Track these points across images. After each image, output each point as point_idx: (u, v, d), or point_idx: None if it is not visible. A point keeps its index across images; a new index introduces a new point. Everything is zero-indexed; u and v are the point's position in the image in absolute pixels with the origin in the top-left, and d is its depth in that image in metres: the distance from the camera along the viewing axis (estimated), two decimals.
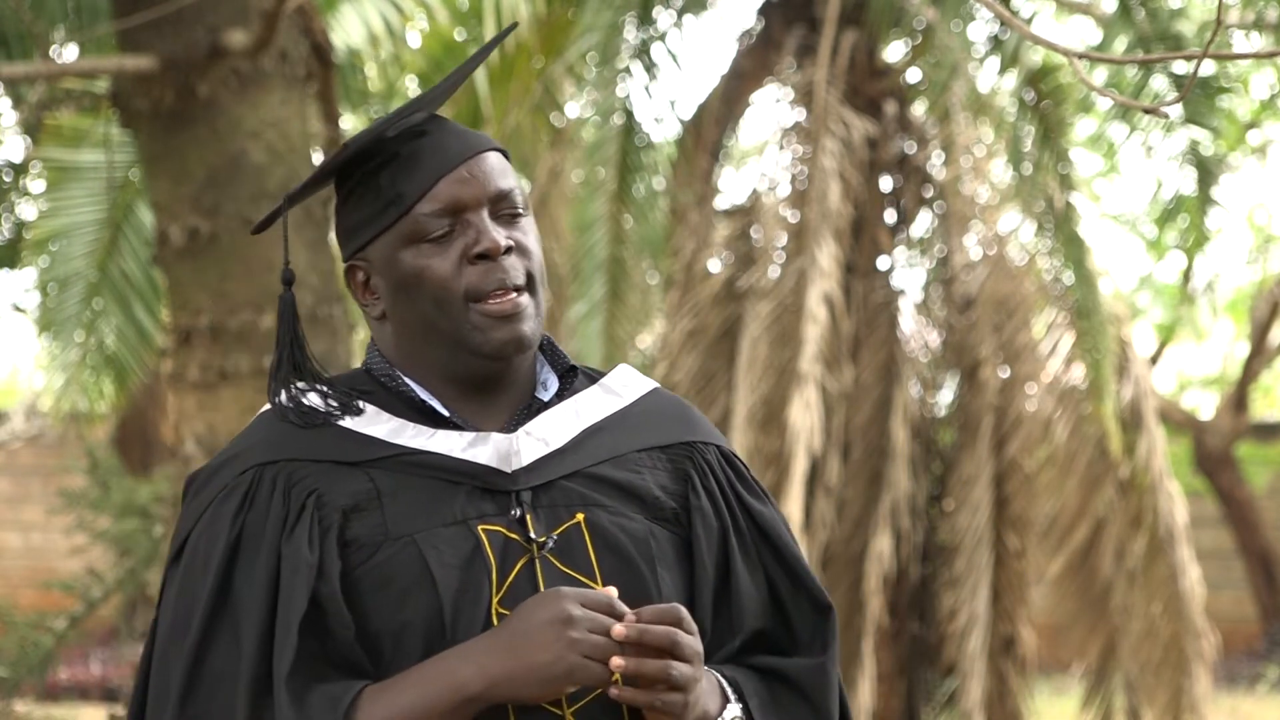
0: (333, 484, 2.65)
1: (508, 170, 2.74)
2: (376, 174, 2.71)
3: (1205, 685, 11.00)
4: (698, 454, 2.78)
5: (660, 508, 2.73)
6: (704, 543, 2.74)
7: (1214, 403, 21.48)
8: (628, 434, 2.76)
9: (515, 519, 2.66)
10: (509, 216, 2.71)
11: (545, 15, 11.42)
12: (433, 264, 2.68)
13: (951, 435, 11.48)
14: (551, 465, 2.70)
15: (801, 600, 2.77)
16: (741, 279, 11.09)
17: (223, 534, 2.63)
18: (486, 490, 2.67)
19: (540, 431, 2.71)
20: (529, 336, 2.69)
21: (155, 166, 7.58)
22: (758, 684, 2.73)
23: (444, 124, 2.75)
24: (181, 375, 7.57)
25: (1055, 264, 11.03)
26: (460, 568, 2.62)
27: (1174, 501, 11.05)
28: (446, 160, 2.70)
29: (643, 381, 2.84)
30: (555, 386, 2.78)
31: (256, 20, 7.30)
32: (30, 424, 19.58)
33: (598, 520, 2.68)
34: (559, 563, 2.65)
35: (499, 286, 2.67)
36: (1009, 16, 3.28)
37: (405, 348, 2.73)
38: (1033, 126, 10.53)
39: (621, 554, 2.68)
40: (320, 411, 2.70)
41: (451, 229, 2.69)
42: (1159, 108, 3.11)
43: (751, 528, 2.78)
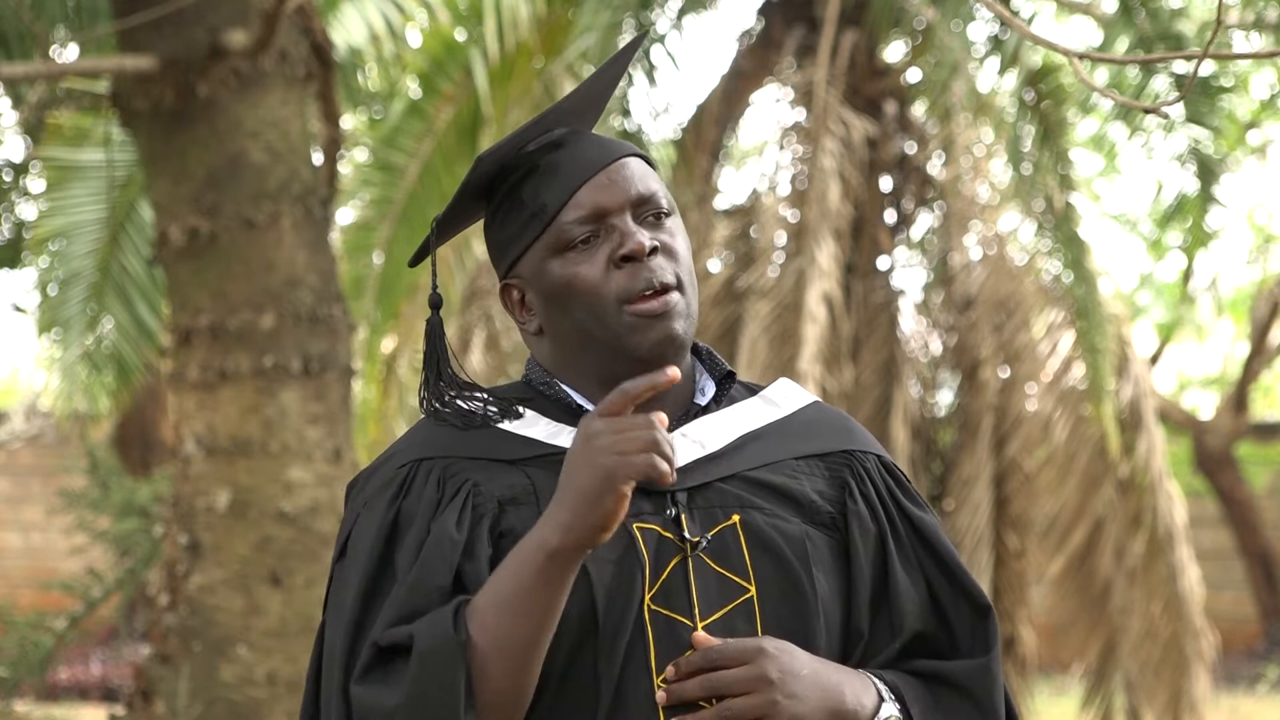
0: (490, 478, 2.68)
1: (649, 174, 2.75)
2: (519, 188, 2.74)
3: (1205, 685, 11.00)
4: (856, 462, 2.80)
5: (817, 511, 2.75)
6: (860, 547, 2.75)
7: (1214, 403, 21.48)
8: (786, 442, 2.78)
9: (670, 518, 2.68)
10: (654, 219, 2.73)
11: (546, 15, 11.42)
12: (581, 271, 2.69)
13: (951, 435, 11.48)
14: (708, 468, 2.72)
15: (960, 603, 2.78)
16: (741, 279, 11.09)
17: (378, 519, 2.67)
18: (643, 490, 2.67)
19: (697, 434, 2.73)
20: (682, 335, 2.71)
21: (155, 166, 7.58)
22: (920, 689, 2.73)
23: (581, 133, 2.77)
24: (181, 375, 7.57)
25: (1055, 264, 11.03)
26: (614, 563, 2.63)
27: (1173, 501, 11.06)
28: (586, 167, 2.71)
29: (803, 395, 2.86)
30: (712, 392, 2.79)
31: (256, 20, 7.30)
32: (30, 424, 19.58)
33: (753, 521, 2.70)
34: (713, 562, 2.67)
35: (648, 287, 2.69)
36: (1009, 16, 3.28)
37: (563, 358, 2.75)
38: (1033, 127, 10.53)
39: (777, 554, 2.69)
40: (479, 413, 2.73)
41: (595, 235, 2.70)
42: (1160, 108, 3.11)
43: (910, 532, 2.80)
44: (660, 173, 2.83)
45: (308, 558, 7.47)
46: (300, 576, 7.46)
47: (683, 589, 2.66)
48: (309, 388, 7.53)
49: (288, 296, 7.49)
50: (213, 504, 7.49)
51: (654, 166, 2.78)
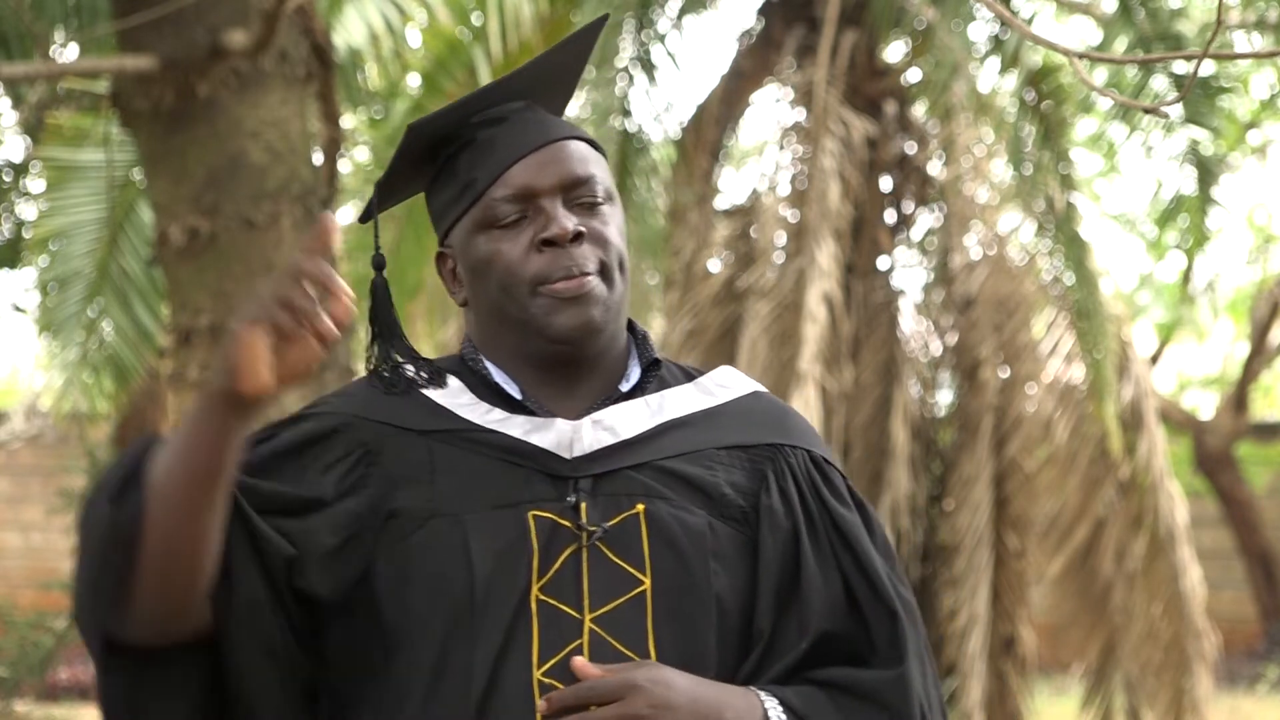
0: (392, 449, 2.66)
1: (590, 158, 2.72)
2: (455, 159, 2.73)
3: (1206, 685, 11.00)
4: (781, 456, 2.75)
5: (726, 504, 2.70)
6: (770, 542, 2.69)
7: (1214, 403, 21.47)
8: (710, 431, 2.73)
9: (570, 505, 2.64)
10: (587, 204, 2.70)
11: (548, 13, 11.42)
12: (503, 249, 2.68)
13: (951, 435, 11.48)
14: (619, 455, 2.68)
15: (879, 607, 2.71)
16: (741, 279, 11.09)
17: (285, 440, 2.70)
18: (547, 475, 2.65)
19: (609, 421, 2.70)
20: (598, 320, 2.68)
21: (155, 166, 7.58)
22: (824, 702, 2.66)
23: (529, 112, 2.74)
24: (181, 375, 7.57)
25: (1055, 264, 11.03)
26: (498, 551, 2.60)
27: (1174, 502, 11.05)
28: (521, 146, 2.69)
29: (744, 383, 2.82)
30: (637, 378, 2.76)
31: (256, 20, 7.30)
32: (30, 424, 19.58)
33: (657, 512, 2.66)
34: (610, 551, 2.63)
35: (565, 274, 2.66)
36: (1009, 16, 3.28)
37: (485, 332, 2.74)
38: (1033, 127, 10.53)
39: (675, 547, 2.65)
40: (406, 377, 2.71)
41: (524, 215, 2.69)
42: (1159, 108, 3.11)
43: (830, 530, 2.73)
44: (607, 160, 2.79)
45: None
46: None
47: (573, 578, 2.61)
48: (309, 388, 7.52)
49: None
50: None
51: (600, 151, 2.74)
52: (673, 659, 2.61)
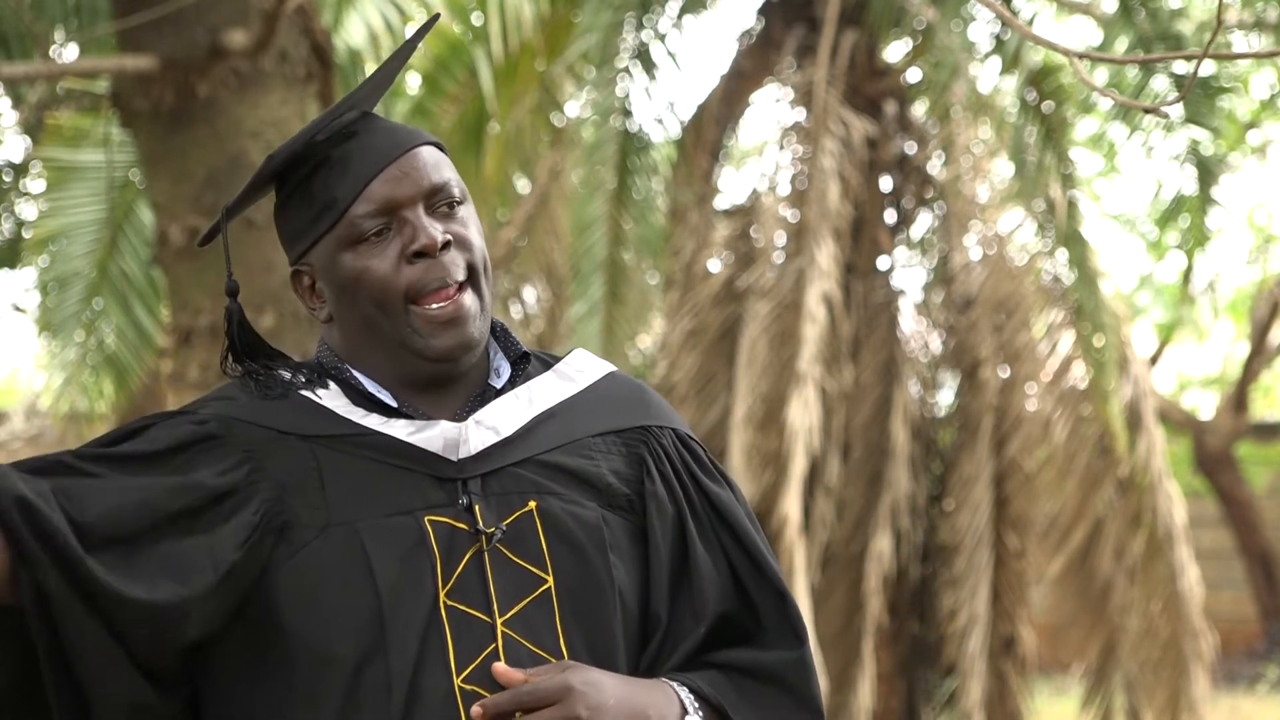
0: (275, 455, 2.62)
1: (442, 162, 2.70)
2: (309, 180, 2.70)
3: (1204, 685, 11.00)
4: (653, 438, 2.74)
5: (614, 494, 2.69)
6: (659, 528, 2.69)
7: (1214, 403, 21.48)
8: (581, 419, 2.72)
9: (463, 508, 2.62)
10: (446, 209, 2.68)
11: (549, 14, 11.42)
12: (371, 265, 2.65)
13: (951, 435, 11.48)
14: (501, 453, 2.66)
15: (764, 584, 2.71)
16: (741, 279, 11.09)
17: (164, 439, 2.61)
18: (435, 479, 2.63)
19: (490, 419, 2.68)
20: (475, 337, 2.67)
21: (155, 166, 7.58)
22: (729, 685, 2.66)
23: (373, 122, 2.72)
24: (181, 375, 7.57)
25: (1055, 264, 11.03)
26: (401, 559, 2.58)
27: (1173, 502, 11.05)
28: (377, 159, 2.67)
29: (598, 365, 2.80)
30: (508, 373, 2.74)
31: (256, 20, 7.30)
32: (30, 424, 19.57)
33: (550, 508, 2.64)
34: (509, 552, 2.61)
35: (440, 285, 2.64)
36: (1009, 17, 3.28)
37: (353, 347, 2.71)
38: (1034, 127, 10.53)
39: (573, 542, 2.63)
40: (284, 380, 2.68)
41: (387, 228, 2.66)
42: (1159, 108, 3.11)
43: (708, 510, 2.73)
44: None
45: None
46: None
47: (479, 582, 2.60)
48: None
49: (288, 296, 7.48)
50: None
51: (444, 151, 2.73)
52: (584, 656, 2.61)
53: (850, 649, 10.78)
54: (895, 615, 11.28)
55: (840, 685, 10.76)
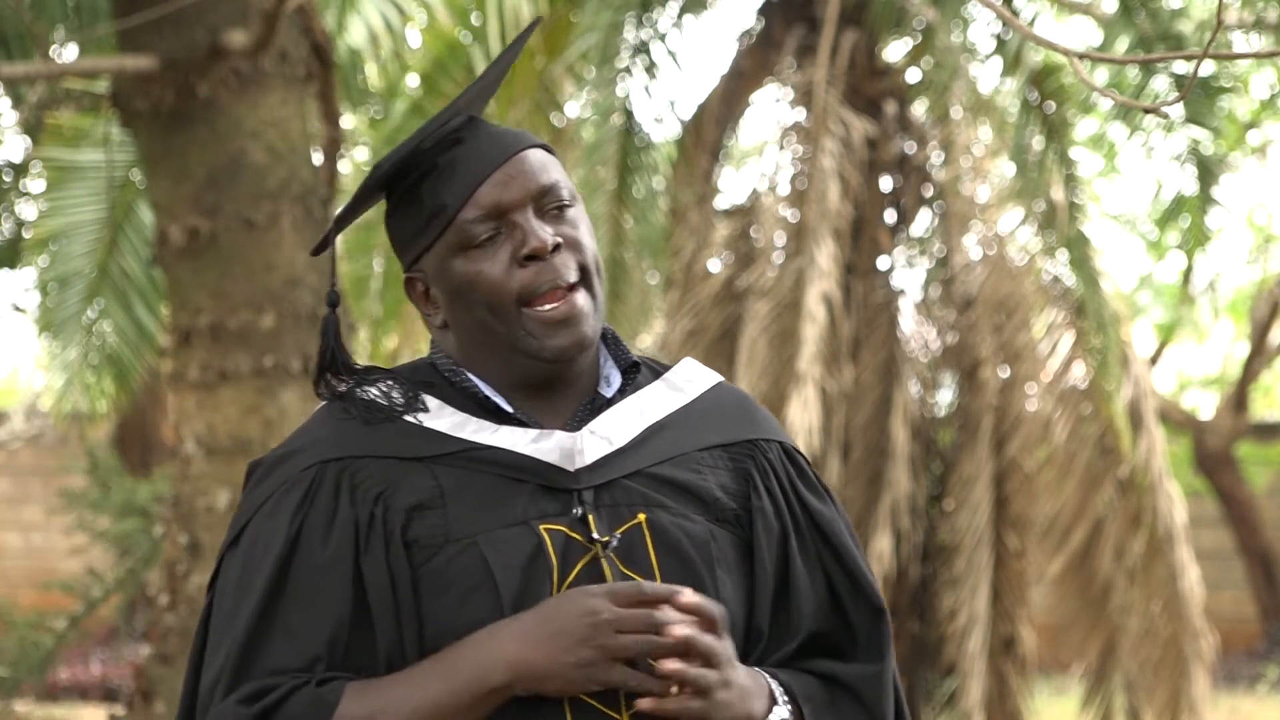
0: (397, 482, 2.64)
1: (549, 165, 2.72)
2: (418, 187, 2.71)
3: (1204, 686, 11.00)
4: (760, 452, 2.76)
5: (721, 509, 2.71)
6: (764, 544, 2.72)
7: (1214, 403, 21.47)
8: (690, 432, 2.74)
9: (577, 518, 2.64)
10: (555, 211, 2.70)
11: (548, 14, 11.41)
12: (483, 269, 2.67)
13: (951, 435, 11.47)
14: (614, 464, 2.68)
15: (860, 602, 2.75)
16: (741, 279, 11.08)
17: (282, 530, 2.63)
18: (548, 489, 2.65)
19: (604, 429, 2.70)
20: (588, 336, 2.68)
21: (155, 166, 7.58)
22: (815, 688, 2.70)
23: (480, 127, 2.73)
24: (181, 375, 7.57)
25: (1055, 264, 11.03)
26: (522, 569, 2.60)
27: (1173, 502, 11.05)
28: (484, 164, 2.68)
29: (706, 375, 2.82)
30: (618, 382, 2.76)
31: (256, 20, 7.30)
32: (30, 424, 19.58)
33: (659, 521, 2.66)
34: (620, 563, 2.63)
35: (551, 286, 2.66)
36: (1010, 17, 3.28)
37: (469, 353, 2.72)
38: (1035, 127, 10.53)
39: (681, 555, 2.65)
40: (383, 407, 2.69)
41: (498, 232, 2.68)
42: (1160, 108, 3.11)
43: (811, 528, 2.76)
44: (563, 160, 2.77)
45: None
46: None
47: None
48: (309, 388, 7.52)
49: (288, 296, 7.48)
50: (213, 504, 7.49)
51: (552, 153, 2.75)
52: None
53: None
54: (895, 615, 11.28)
55: None
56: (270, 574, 2.61)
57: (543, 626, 2.54)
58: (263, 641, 2.60)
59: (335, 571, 2.61)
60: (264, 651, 2.59)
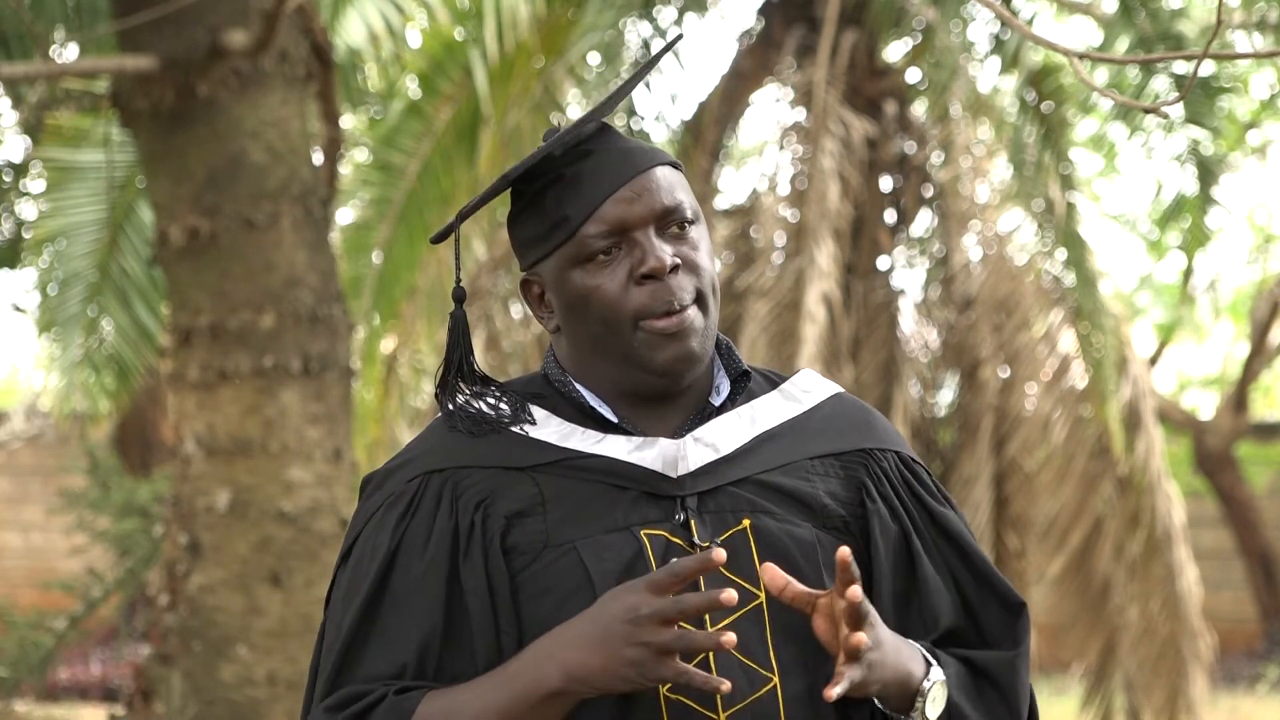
0: (499, 490, 2.67)
1: (675, 184, 2.73)
2: (543, 195, 2.72)
3: (1202, 686, 11.00)
4: (874, 461, 2.78)
5: (829, 515, 2.72)
6: (882, 549, 2.73)
7: (1214, 403, 21.47)
8: (802, 441, 2.76)
9: (680, 524, 2.66)
10: (677, 231, 2.71)
11: (545, 15, 11.41)
12: (601, 285, 2.68)
13: (951, 435, 11.48)
14: (720, 471, 2.70)
15: (989, 599, 2.77)
16: (741, 278, 11.09)
17: (385, 541, 2.67)
18: (652, 495, 2.67)
19: (710, 437, 2.71)
20: (699, 353, 2.70)
21: (155, 166, 7.58)
22: (955, 663, 2.72)
23: (611, 140, 2.74)
24: (181, 375, 7.57)
25: (1055, 264, 11.03)
26: (621, 574, 2.62)
27: (1172, 502, 11.05)
28: (611, 180, 2.70)
29: (825, 386, 2.84)
30: (727, 390, 2.77)
31: (256, 20, 7.30)
32: (30, 424, 19.58)
33: (764, 526, 2.68)
34: (723, 568, 2.63)
35: (666, 308, 2.68)
36: (1009, 17, 3.28)
37: (579, 360, 2.74)
38: (1033, 127, 10.53)
39: (788, 560, 2.66)
40: (490, 418, 2.72)
41: (618, 247, 2.69)
42: (1160, 108, 3.11)
43: (933, 530, 2.78)
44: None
45: (308, 558, 7.47)
46: (300, 577, 7.46)
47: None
48: (309, 388, 7.52)
49: (288, 296, 7.48)
50: (213, 504, 7.49)
51: (681, 170, 2.76)
52: (795, 670, 2.65)
53: None
54: None
55: None
56: (371, 583, 2.65)
57: (591, 629, 2.55)
58: (360, 649, 2.64)
59: (431, 580, 2.64)
60: (361, 659, 2.64)
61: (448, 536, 2.66)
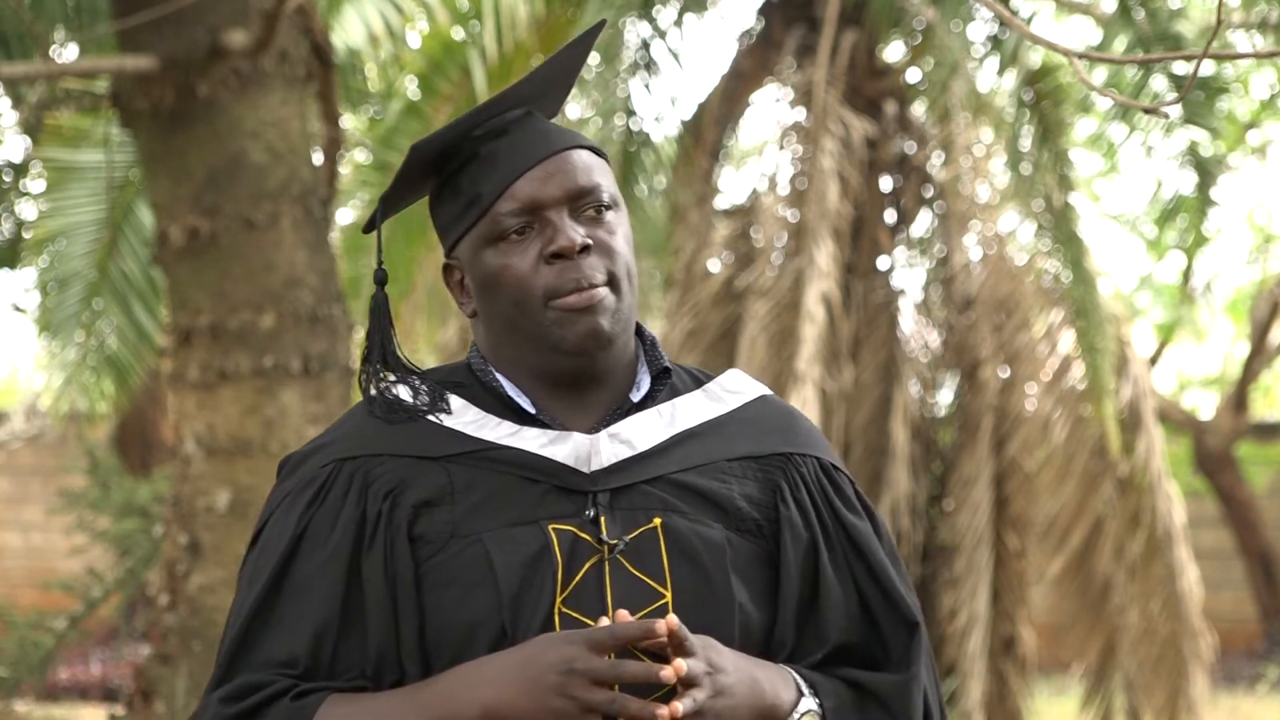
0: (410, 479, 2.66)
1: (594, 167, 2.72)
2: (460, 174, 2.72)
3: (1202, 686, 11.00)
4: (792, 465, 2.76)
5: (742, 518, 2.71)
6: (791, 554, 2.72)
7: (1214, 403, 21.47)
8: (722, 442, 2.75)
9: (589, 520, 2.65)
10: (593, 213, 2.71)
11: (544, 15, 11.42)
12: (512, 263, 2.68)
13: (951, 435, 11.48)
14: (633, 469, 2.69)
15: (891, 616, 2.75)
16: (740, 278, 11.09)
17: (291, 527, 2.67)
18: (563, 490, 2.67)
19: (626, 434, 2.71)
20: (607, 331, 2.68)
21: (155, 166, 7.58)
22: (841, 689, 2.71)
23: (529, 122, 2.74)
24: (181, 375, 7.57)
25: (1055, 264, 11.03)
26: (524, 566, 2.62)
27: (1172, 502, 11.05)
28: (525, 159, 2.70)
29: (752, 388, 2.83)
30: (648, 387, 2.77)
31: (256, 20, 7.30)
32: (30, 424, 19.58)
33: (674, 526, 2.67)
34: (630, 565, 2.64)
35: (575, 286, 2.67)
36: (1009, 16, 3.28)
37: (496, 345, 2.74)
38: (1032, 127, 10.53)
39: (695, 561, 2.66)
40: (406, 406, 2.71)
41: (530, 227, 2.69)
42: (1159, 108, 3.11)
43: (843, 540, 2.76)
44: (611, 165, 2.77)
45: None
46: None
47: (596, 592, 2.63)
48: (309, 388, 7.53)
49: (288, 296, 7.49)
50: (213, 504, 7.49)
51: (603, 156, 2.75)
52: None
53: None
54: None
55: None
56: (274, 569, 2.64)
57: (519, 671, 2.54)
58: (257, 634, 2.62)
59: (332, 570, 2.63)
60: (257, 644, 2.62)
61: (353, 525, 2.64)
